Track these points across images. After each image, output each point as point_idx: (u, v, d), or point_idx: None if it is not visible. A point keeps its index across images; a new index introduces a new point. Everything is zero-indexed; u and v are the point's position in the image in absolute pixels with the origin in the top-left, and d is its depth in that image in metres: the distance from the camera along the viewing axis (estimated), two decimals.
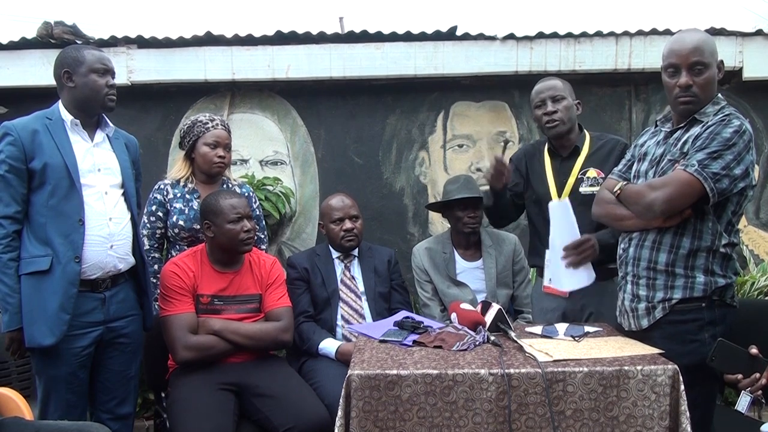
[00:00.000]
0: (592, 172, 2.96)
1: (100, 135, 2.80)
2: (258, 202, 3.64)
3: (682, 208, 2.29)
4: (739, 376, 2.10)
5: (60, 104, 2.73)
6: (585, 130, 3.09)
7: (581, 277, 2.81)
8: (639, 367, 2.17)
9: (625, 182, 2.52)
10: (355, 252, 3.44)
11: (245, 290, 3.04)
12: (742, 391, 2.10)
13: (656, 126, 2.58)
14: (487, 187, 3.16)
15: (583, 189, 2.96)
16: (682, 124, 2.40)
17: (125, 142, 2.92)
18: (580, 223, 2.82)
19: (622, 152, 2.91)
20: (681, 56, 2.32)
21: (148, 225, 3.30)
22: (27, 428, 2.26)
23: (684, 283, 2.33)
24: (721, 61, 2.40)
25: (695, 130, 2.33)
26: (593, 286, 2.90)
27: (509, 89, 4.54)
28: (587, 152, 3.00)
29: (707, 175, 2.21)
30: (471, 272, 3.44)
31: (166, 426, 2.86)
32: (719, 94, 2.40)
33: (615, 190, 2.50)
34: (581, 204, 2.89)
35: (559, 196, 3.00)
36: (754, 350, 2.11)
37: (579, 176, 2.98)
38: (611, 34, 4.38)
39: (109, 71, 2.74)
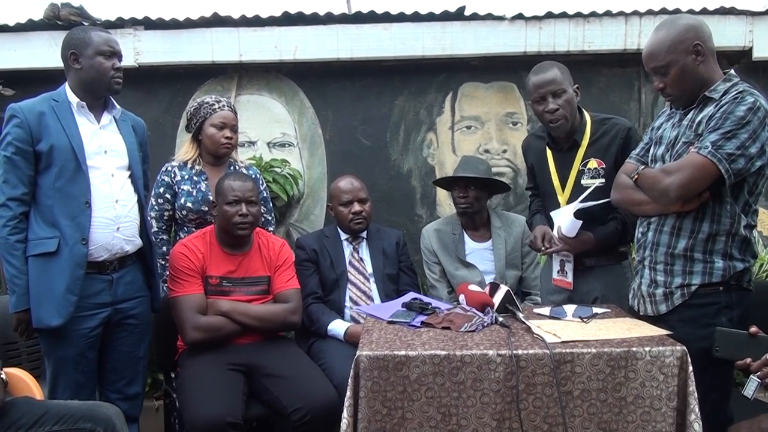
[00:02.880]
0: (592, 163, 2.89)
1: (106, 117, 2.80)
2: (265, 184, 3.65)
3: (697, 192, 2.24)
4: (748, 360, 2.03)
5: (67, 86, 2.72)
6: (585, 114, 2.97)
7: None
8: (647, 348, 2.16)
9: (642, 166, 2.47)
10: (364, 234, 3.44)
11: (254, 272, 3.04)
12: (751, 375, 2.02)
13: (671, 108, 2.51)
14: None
15: (585, 181, 2.89)
16: (694, 105, 2.35)
17: (132, 124, 2.92)
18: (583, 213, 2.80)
19: (625, 139, 2.86)
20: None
21: (156, 207, 3.30)
22: (37, 408, 2.28)
23: (703, 268, 2.30)
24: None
25: (709, 109, 2.27)
26: (599, 270, 2.90)
27: (518, 70, 4.48)
28: (587, 141, 2.92)
29: (721, 156, 2.15)
30: (480, 253, 3.43)
31: (175, 406, 2.88)
32: (731, 70, 2.35)
33: (633, 175, 2.45)
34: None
35: (563, 189, 2.96)
36: (753, 329, 2.05)
37: (580, 168, 2.92)
38: (621, 13, 4.32)
39: (116, 54, 2.74)
